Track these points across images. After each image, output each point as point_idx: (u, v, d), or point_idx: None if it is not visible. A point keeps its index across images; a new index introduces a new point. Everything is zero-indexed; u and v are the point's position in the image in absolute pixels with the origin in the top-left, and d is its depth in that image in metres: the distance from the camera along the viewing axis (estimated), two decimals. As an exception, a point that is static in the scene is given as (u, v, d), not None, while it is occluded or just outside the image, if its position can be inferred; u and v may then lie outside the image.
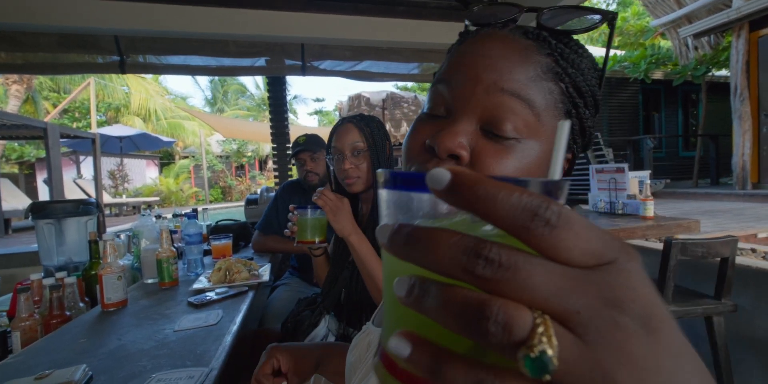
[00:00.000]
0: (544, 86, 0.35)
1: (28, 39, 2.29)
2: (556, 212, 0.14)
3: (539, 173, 0.36)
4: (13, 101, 10.24)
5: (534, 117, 0.35)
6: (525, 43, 0.36)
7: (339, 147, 1.15)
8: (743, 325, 1.79)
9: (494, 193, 0.14)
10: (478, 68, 0.35)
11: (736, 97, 5.34)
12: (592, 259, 0.14)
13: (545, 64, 0.36)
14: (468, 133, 0.35)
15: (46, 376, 0.71)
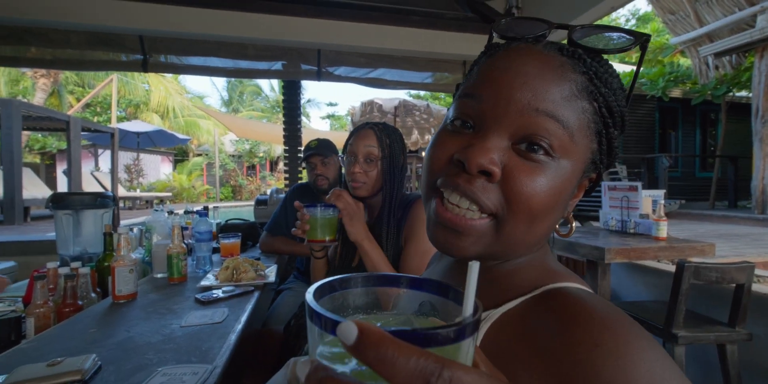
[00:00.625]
0: (578, 105, 0.35)
1: (59, 36, 2.38)
2: (447, 380, 0.15)
3: (569, 191, 0.37)
4: (40, 94, 10.58)
5: (568, 137, 0.35)
6: (560, 60, 0.36)
7: (354, 150, 1.16)
8: (758, 355, 1.73)
9: (392, 357, 0.15)
10: (514, 86, 0.35)
11: (757, 119, 5.24)
12: None
13: (580, 83, 0.36)
14: (500, 150, 0.35)
15: (58, 363, 0.73)
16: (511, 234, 0.36)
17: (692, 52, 6.23)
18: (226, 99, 20.08)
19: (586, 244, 1.90)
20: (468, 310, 0.19)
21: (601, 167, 0.40)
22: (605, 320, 0.30)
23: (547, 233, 0.39)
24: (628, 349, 0.28)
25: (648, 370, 0.27)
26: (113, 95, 11.06)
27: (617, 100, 0.37)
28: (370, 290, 0.24)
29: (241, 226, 2.34)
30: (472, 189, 0.34)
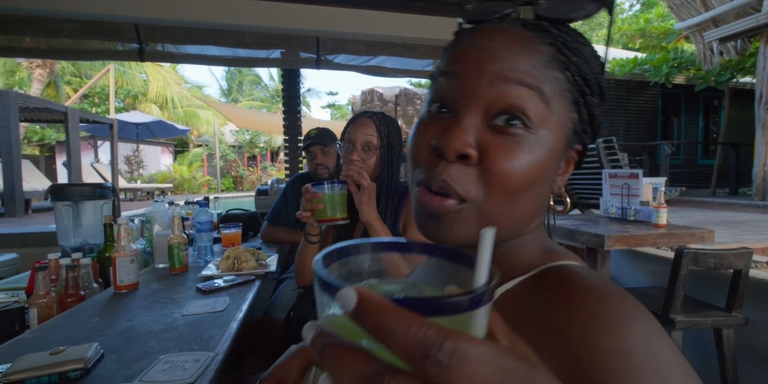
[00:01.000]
0: (551, 74, 0.35)
1: (52, 25, 2.34)
2: (448, 352, 0.13)
3: (553, 164, 0.36)
4: (36, 85, 10.48)
5: (543, 104, 0.34)
6: (526, 34, 0.36)
7: (352, 138, 1.16)
8: (754, 339, 1.75)
9: (393, 326, 0.14)
10: (482, 59, 0.34)
11: (761, 106, 5.18)
12: None
13: (549, 54, 0.35)
14: (474, 130, 0.34)
15: (60, 352, 0.74)
16: (493, 214, 0.35)
17: (697, 38, 6.12)
18: (225, 89, 19.90)
19: (586, 232, 1.91)
20: (481, 278, 0.18)
21: (584, 137, 0.39)
22: (601, 293, 0.31)
23: (535, 210, 0.38)
24: (622, 319, 0.29)
25: (642, 339, 0.28)
26: (111, 86, 10.97)
27: (591, 68, 0.37)
28: (382, 256, 0.22)
29: (242, 216, 2.34)
30: (446, 179, 0.34)
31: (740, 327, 1.63)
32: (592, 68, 0.37)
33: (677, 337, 1.62)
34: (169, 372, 0.72)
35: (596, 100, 0.38)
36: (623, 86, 7.78)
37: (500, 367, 0.14)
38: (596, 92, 0.38)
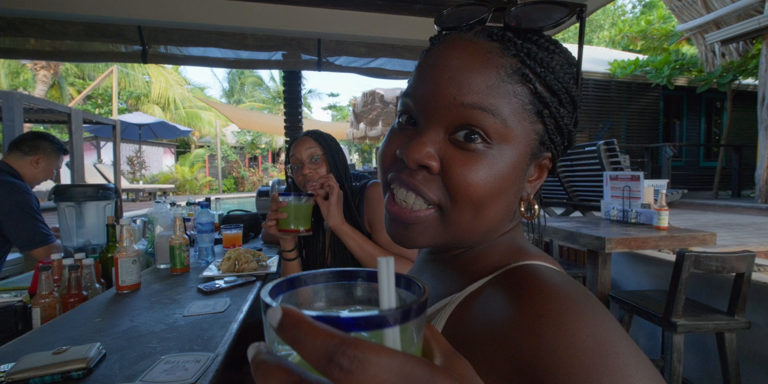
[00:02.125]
0: (509, 90, 0.35)
1: (57, 27, 2.36)
2: (350, 357, 0.15)
3: (517, 175, 0.37)
4: (41, 86, 10.55)
5: (500, 123, 0.35)
6: (489, 46, 0.36)
7: (298, 156, 1.26)
8: (756, 343, 1.74)
9: (305, 336, 0.15)
10: (440, 83, 0.36)
11: (763, 107, 5.16)
12: None
13: (510, 66, 0.35)
14: (436, 143, 0.36)
15: (63, 351, 0.75)
16: (457, 222, 0.37)
17: (698, 40, 6.12)
18: (228, 90, 19.97)
19: (587, 234, 1.91)
20: (384, 303, 0.19)
21: (552, 146, 0.39)
22: (552, 291, 0.31)
23: (501, 217, 0.39)
24: (569, 316, 0.29)
25: (590, 335, 0.28)
26: (114, 87, 11.00)
27: (558, 78, 0.37)
28: (338, 285, 0.23)
29: (243, 217, 2.35)
30: (415, 182, 0.37)
31: (743, 331, 1.62)
32: (559, 78, 0.37)
33: (679, 341, 1.61)
34: (171, 372, 0.73)
35: (563, 110, 0.38)
36: (625, 88, 7.78)
37: (399, 372, 0.15)
38: (565, 101, 0.38)
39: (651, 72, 7.41)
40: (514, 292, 0.33)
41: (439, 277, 0.42)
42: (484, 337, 0.32)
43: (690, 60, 7.26)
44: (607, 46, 13.91)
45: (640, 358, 0.28)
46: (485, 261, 0.39)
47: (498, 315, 0.32)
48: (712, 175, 6.79)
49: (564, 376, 0.26)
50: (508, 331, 0.30)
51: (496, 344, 0.30)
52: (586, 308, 0.30)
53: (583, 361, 0.27)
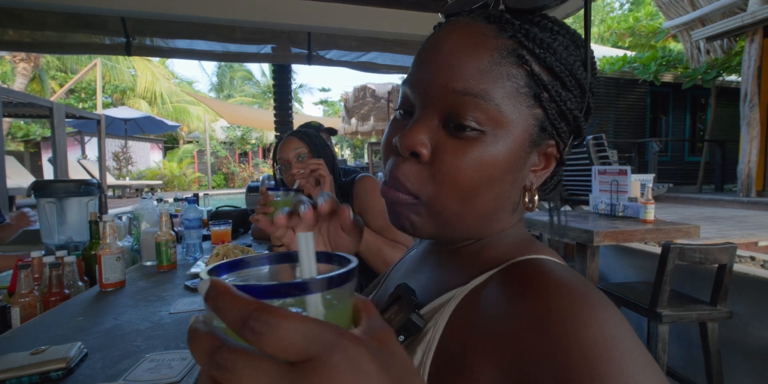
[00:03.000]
0: (502, 72, 0.34)
1: (35, 17, 2.28)
2: (261, 321, 0.16)
3: (512, 163, 0.35)
4: (20, 79, 10.23)
5: (494, 108, 0.34)
6: (484, 29, 0.35)
7: (285, 157, 1.27)
8: (738, 332, 1.79)
9: (224, 305, 0.17)
10: (433, 69, 0.35)
11: (745, 103, 5.27)
12: (292, 356, 0.16)
13: (505, 48, 0.34)
14: (429, 130, 0.35)
15: (42, 351, 0.73)
16: (444, 212, 0.36)
17: (684, 37, 6.21)
18: (217, 84, 19.65)
19: (576, 227, 1.93)
20: (305, 273, 0.20)
21: (555, 133, 0.37)
22: (560, 286, 0.30)
23: (495, 207, 0.37)
24: (577, 311, 0.28)
25: (597, 330, 0.27)
26: (98, 80, 10.74)
27: (560, 59, 0.35)
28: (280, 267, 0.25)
29: (232, 213, 2.32)
30: (398, 176, 0.36)
31: (725, 320, 1.66)
32: (562, 59, 0.35)
33: (664, 331, 1.64)
34: (155, 371, 0.71)
35: (567, 94, 0.36)
36: (613, 84, 7.86)
37: (306, 335, 0.16)
38: (570, 85, 0.35)
39: (638, 68, 7.50)
40: (520, 286, 0.32)
41: (443, 270, 0.41)
42: (489, 331, 0.31)
43: (676, 56, 7.37)
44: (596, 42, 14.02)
45: (647, 358, 0.27)
46: (490, 254, 0.38)
47: (503, 309, 0.31)
48: (697, 170, 6.93)
49: (568, 370, 0.26)
50: (513, 325, 0.30)
51: (499, 338, 0.30)
52: (596, 304, 0.29)
53: (588, 356, 0.26)
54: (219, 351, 0.16)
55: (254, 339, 0.16)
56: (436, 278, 0.41)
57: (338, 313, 0.20)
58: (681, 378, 1.79)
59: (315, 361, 0.16)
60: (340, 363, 0.17)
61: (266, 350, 0.16)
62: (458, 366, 0.31)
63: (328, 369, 0.16)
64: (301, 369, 0.16)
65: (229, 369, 0.16)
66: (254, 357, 0.16)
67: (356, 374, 0.17)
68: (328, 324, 0.17)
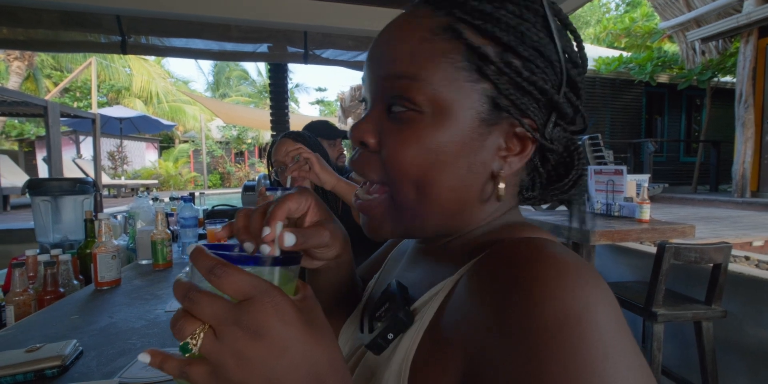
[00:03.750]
0: (435, 50, 0.32)
1: (29, 15, 2.26)
2: (222, 270, 0.24)
3: (463, 145, 0.33)
4: (14, 78, 10.14)
5: (429, 88, 0.32)
6: (419, 12, 0.34)
7: (280, 159, 1.30)
8: (732, 331, 1.80)
9: (199, 260, 0.25)
10: (371, 62, 0.36)
11: (740, 104, 5.32)
12: (239, 296, 0.24)
13: (438, 25, 0.32)
14: (375, 120, 0.35)
15: (37, 349, 0.72)
16: (405, 203, 0.35)
17: (680, 37, 6.25)
18: (212, 83, 19.57)
19: (572, 227, 1.93)
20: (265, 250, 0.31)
21: (515, 109, 0.33)
22: (536, 255, 0.28)
23: (458, 196, 0.34)
24: (548, 275, 0.25)
25: (571, 298, 0.24)
26: (93, 79, 10.65)
27: (507, 28, 0.31)
28: None
29: (228, 212, 2.31)
30: (358, 163, 0.37)
31: (719, 319, 1.68)
32: (510, 26, 0.32)
33: (659, 330, 1.65)
34: (150, 368, 0.70)
35: (525, 64, 0.32)
36: (609, 84, 7.90)
37: (249, 282, 0.24)
38: (527, 54, 0.32)
39: (634, 68, 7.54)
40: (493, 263, 0.30)
41: (434, 265, 0.40)
42: (460, 315, 0.30)
43: (672, 57, 7.42)
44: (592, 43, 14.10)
45: (629, 343, 0.24)
46: (478, 243, 0.36)
47: (472, 288, 0.30)
48: (692, 170, 6.98)
49: (523, 341, 0.24)
50: (474, 301, 0.28)
51: (464, 318, 0.29)
52: (581, 274, 0.26)
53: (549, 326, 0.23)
54: (190, 291, 0.24)
55: (215, 281, 0.24)
56: (427, 273, 0.40)
57: (282, 287, 0.28)
58: (676, 377, 1.80)
59: (251, 300, 0.24)
60: (268, 303, 0.24)
61: (221, 289, 0.24)
62: (433, 362, 0.30)
63: (258, 306, 0.24)
64: (241, 304, 0.24)
65: (195, 302, 0.24)
66: (212, 295, 0.24)
67: (278, 313, 0.24)
68: (265, 281, 0.25)
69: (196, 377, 0.24)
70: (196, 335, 0.24)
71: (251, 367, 0.23)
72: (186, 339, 0.24)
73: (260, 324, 0.24)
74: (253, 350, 0.23)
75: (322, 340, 0.26)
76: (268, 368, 0.24)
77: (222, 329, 0.24)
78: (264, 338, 0.24)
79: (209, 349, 0.24)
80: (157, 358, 0.25)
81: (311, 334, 0.25)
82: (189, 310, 0.24)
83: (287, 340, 0.24)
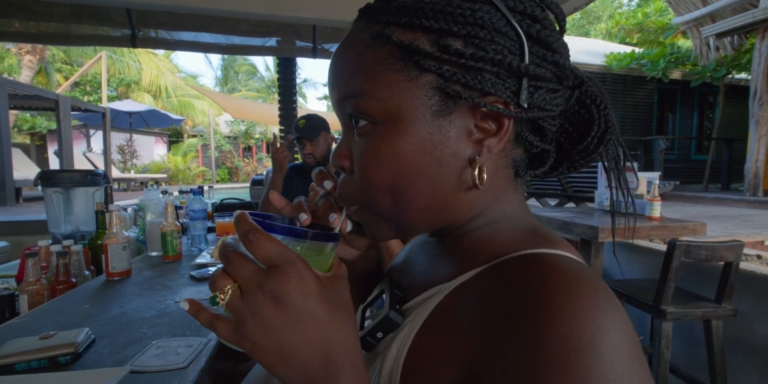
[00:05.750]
0: (369, 61, 0.32)
1: (41, 8, 2.27)
2: (254, 235, 0.26)
3: (424, 143, 0.32)
4: (26, 72, 10.26)
5: (374, 100, 0.32)
6: (356, 28, 0.34)
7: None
8: (742, 331, 1.78)
9: (238, 225, 0.27)
10: (328, 87, 0.37)
11: (754, 101, 5.21)
12: (267, 262, 0.26)
13: (368, 36, 0.32)
14: (346, 142, 0.36)
15: (50, 336, 0.73)
16: (384, 211, 0.34)
17: (694, 33, 6.12)
18: (221, 78, 19.63)
19: (581, 224, 1.92)
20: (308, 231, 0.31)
21: (467, 92, 0.31)
22: (552, 274, 0.26)
23: (438, 193, 0.33)
24: (560, 299, 0.24)
25: (585, 327, 0.23)
26: (103, 73, 10.76)
27: (433, 16, 0.30)
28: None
29: (236, 205, 2.33)
30: (341, 188, 0.37)
31: (729, 318, 1.65)
32: (436, 10, 0.30)
33: (667, 328, 1.64)
34: (162, 357, 0.72)
35: (466, 43, 0.30)
36: (620, 81, 7.78)
37: (277, 251, 0.26)
38: (464, 32, 0.30)
39: (646, 65, 7.41)
40: (507, 280, 0.28)
41: (435, 263, 0.38)
42: (462, 329, 0.29)
43: (685, 53, 7.27)
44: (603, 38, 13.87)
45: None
46: (486, 247, 0.34)
47: (480, 305, 0.29)
48: (703, 168, 6.87)
49: (523, 368, 0.23)
50: (482, 317, 0.27)
51: (469, 331, 0.28)
52: (597, 299, 0.24)
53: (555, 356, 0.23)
54: (228, 251, 0.27)
55: (247, 245, 0.26)
56: (427, 271, 0.39)
57: (318, 260, 0.30)
58: (684, 376, 1.79)
59: (277, 268, 0.26)
60: (292, 273, 0.26)
61: (252, 254, 0.26)
62: (427, 366, 0.30)
63: (282, 274, 0.26)
64: (268, 271, 0.26)
65: (230, 261, 0.27)
66: (245, 258, 0.27)
67: (300, 284, 0.26)
68: (294, 252, 0.27)
69: (220, 330, 0.27)
70: (225, 291, 0.27)
71: (267, 331, 0.26)
72: (216, 293, 0.27)
73: (281, 291, 0.25)
74: (270, 315, 0.25)
75: (339, 320, 0.27)
76: (282, 335, 0.25)
77: (247, 290, 0.26)
78: (281, 305, 0.25)
79: (234, 306, 0.26)
80: (194, 307, 0.27)
81: (329, 312, 0.27)
82: (225, 268, 0.27)
83: (303, 312, 0.26)
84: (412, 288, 0.38)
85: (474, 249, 0.35)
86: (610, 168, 0.37)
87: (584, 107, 0.36)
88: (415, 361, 0.31)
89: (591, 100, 0.35)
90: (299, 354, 0.26)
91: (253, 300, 0.26)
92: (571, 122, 0.37)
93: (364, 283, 0.46)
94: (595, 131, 0.35)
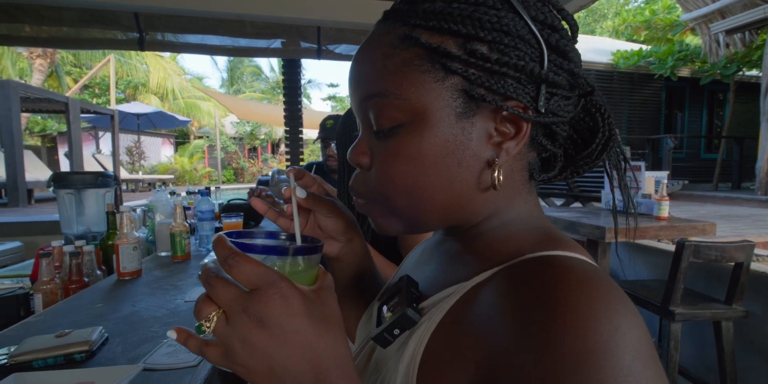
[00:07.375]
0: (397, 62, 0.32)
1: (51, 13, 2.32)
2: (233, 259, 0.26)
3: (445, 145, 0.33)
4: (37, 75, 10.43)
5: (400, 100, 0.32)
6: (379, 29, 0.35)
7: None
8: (753, 332, 1.76)
9: (217, 249, 0.27)
10: (350, 88, 0.38)
11: (766, 99, 5.12)
12: (249, 285, 0.26)
13: (396, 37, 0.33)
14: (366, 141, 0.37)
15: (66, 334, 0.75)
16: (398, 207, 0.35)
17: (703, 30, 6.04)
18: (226, 80, 19.78)
19: (588, 224, 1.91)
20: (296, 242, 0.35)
21: (490, 96, 0.32)
22: (566, 277, 0.27)
23: (455, 193, 0.34)
24: (577, 302, 0.24)
25: (600, 329, 0.24)
26: (111, 76, 10.90)
27: (462, 21, 0.31)
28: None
29: (243, 205, 2.35)
30: (352, 185, 0.39)
31: (740, 320, 1.64)
32: (464, 15, 0.31)
33: (676, 329, 1.62)
34: (173, 355, 0.73)
35: (486, 48, 0.31)
36: (627, 79, 7.71)
37: (258, 273, 0.26)
38: (490, 38, 0.31)
39: (654, 63, 7.33)
40: (520, 283, 0.28)
41: (450, 263, 0.39)
42: (477, 330, 0.29)
43: (693, 51, 7.17)
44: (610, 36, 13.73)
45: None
46: (501, 248, 0.35)
47: (495, 307, 0.29)
48: (713, 167, 6.77)
49: (538, 371, 0.23)
50: (498, 319, 0.28)
51: (483, 333, 0.28)
52: (611, 303, 0.25)
53: (571, 358, 0.23)
54: (211, 277, 0.27)
55: (228, 270, 0.26)
56: (442, 271, 0.39)
57: (302, 274, 0.31)
58: (694, 378, 1.77)
59: (259, 290, 0.26)
60: (274, 294, 0.26)
61: (234, 278, 0.26)
62: (444, 365, 0.30)
63: (264, 296, 0.26)
64: (250, 294, 0.26)
65: (213, 287, 0.26)
66: (228, 282, 0.26)
67: (283, 304, 0.26)
68: (276, 272, 0.27)
69: (210, 356, 0.27)
70: (210, 318, 0.26)
71: (255, 354, 0.26)
72: (201, 321, 0.26)
73: (264, 314, 0.25)
74: (256, 338, 0.25)
75: (327, 333, 0.27)
76: (270, 356, 0.26)
77: (232, 315, 0.26)
78: (267, 327, 0.25)
79: (220, 332, 0.26)
80: (182, 335, 0.28)
81: (316, 327, 0.27)
82: (208, 294, 0.27)
83: (290, 331, 0.26)
84: (427, 287, 0.38)
85: (489, 250, 0.36)
86: (612, 172, 0.39)
87: (589, 115, 0.37)
88: (432, 359, 0.31)
89: (596, 109, 0.37)
90: (291, 372, 0.26)
91: (239, 325, 0.25)
92: (576, 129, 0.39)
93: (360, 277, 0.47)
94: (600, 138, 0.37)
